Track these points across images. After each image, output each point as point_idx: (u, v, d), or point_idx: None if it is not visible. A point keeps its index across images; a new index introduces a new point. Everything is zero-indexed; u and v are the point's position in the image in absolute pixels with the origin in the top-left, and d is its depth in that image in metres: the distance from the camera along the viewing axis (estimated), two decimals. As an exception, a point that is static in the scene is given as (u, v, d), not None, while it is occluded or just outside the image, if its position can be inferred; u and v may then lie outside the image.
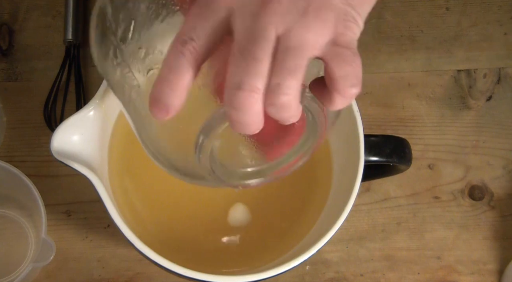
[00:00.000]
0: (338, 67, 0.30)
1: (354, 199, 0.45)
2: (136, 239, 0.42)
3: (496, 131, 0.62)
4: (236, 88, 0.29)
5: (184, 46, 0.30)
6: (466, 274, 0.58)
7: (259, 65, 0.29)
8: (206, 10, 0.31)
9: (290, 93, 0.29)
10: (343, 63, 0.30)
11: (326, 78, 0.31)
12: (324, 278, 0.57)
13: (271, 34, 0.29)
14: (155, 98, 0.31)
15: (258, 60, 0.29)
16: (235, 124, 0.30)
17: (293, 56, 0.29)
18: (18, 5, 0.62)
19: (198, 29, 0.31)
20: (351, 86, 0.31)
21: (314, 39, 0.30)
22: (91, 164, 0.43)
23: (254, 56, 0.29)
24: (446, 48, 0.64)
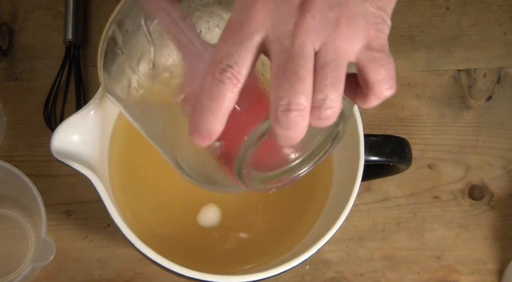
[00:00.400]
0: (374, 72, 0.31)
1: (354, 199, 0.45)
2: (136, 239, 0.42)
3: (496, 131, 0.62)
4: (285, 109, 0.30)
5: (222, 74, 0.31)
6: (466, 274, 0.58)
7: (303, 84, 0.30)
8: (240, 35, 0.31)
9: (335, 105, 0.30)
10: (379, 67, 0.31)
11: (360, 80, 0.32)
12: (324, 278, 0.57)
13: (309, 51, 0.30)
14: (196, 128, 0.32)
15: (302, 79, 0.30)
16: (281, 140, 0.31)
17: (333, 69, 0.30)
18: (18, 5, 0.62)
19: (235, 55, 0.31)
20: (387, 89, 0.32)
21: (349, 47, 0.31)
22: (91, 164, 0.43)
23: (297, 76, 0.30)
24: (446, 48, 0.64)
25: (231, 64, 0.31)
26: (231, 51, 0.31)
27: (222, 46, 0.31)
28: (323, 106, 0.30)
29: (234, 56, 0.31)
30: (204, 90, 0.31)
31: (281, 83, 0.30)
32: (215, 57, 0.31)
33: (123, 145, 0.49)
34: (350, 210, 0.45)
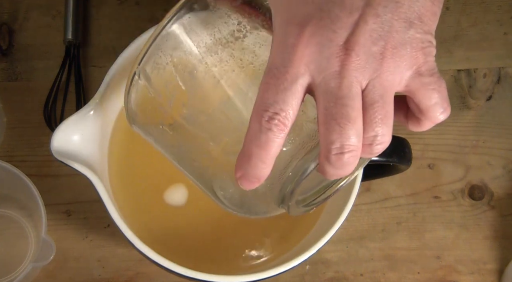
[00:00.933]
0: (427, 98, 0.31)
1: (354, 199, 0.45)
2: (136, 238, 0.42)
3: (496, 131, 0.62)
4: (337, 153, 0.30)
5: (270, 122, 0.31)
6: (466, 274, 0.58)
7: (354, 126, 0.30)
8: (284, 81, 0.31)
9: (386, 140, 0.31)
10: (431, 92, 0.31)
11: (412, 106, 0.32)
12: (324, 278, 0.57)
13: (357, 90, 0.30)
14: (245, 173, 0.32)
15: (353, 121, 0.30)
16: (332, 177, 0.31)
17: (382, 105, 0.30)
18: (18, 5, 0.62)
19: (281, 103, 0.31)
20: (442, 113, 0.32)
21: (397, 79, 0.30)
22: (91, 163, 0.43)
23: (348, 118, 0.30)
24: (446, 48, 0.64)
25: (277, 111, 0.30)
26: (277, 99, 0.31)
27: (267, 94, 0.31)
28: (375, 143, 0.30)
29: (279, 103, 0.30)
30: (251, 138, 0.31)
31: (332, 127, 0.30)
32: (260, 105, 0.31)
33: (123, 144, 0.49)
34: (350, 210, 0.45)
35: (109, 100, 0.46)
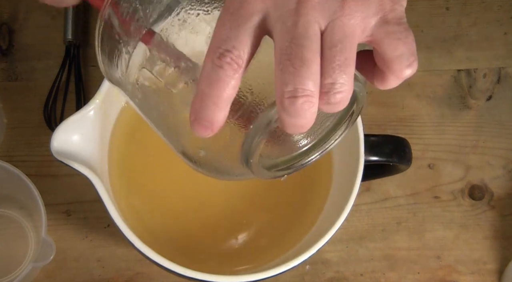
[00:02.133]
0: (392, 48, 0.28)
1: (354, 199, 0.45)
2: (136, 238, 0.42)
3: (496, 131, 0.62)
4: (291, 96, 0.28)
5: (221, 60, 0.29)
6: (466, 274, 0.58)
7: (309, 68, 0.28)
8: (238, 17, 0.29)
9: (346, 89, 0.28)
10: (396, 41, 0.28)
11: (377, 59, 0.29)
12: (324, 278, 0.57)
13: (315, 31, 0.28)
14: (197, 117, 0.30)
15: (308, 63, 0.28)
16: (289, 128, 0.29)
17: (342, 50, 0.28)
18: (18, 5, 0.62)
19: (233, 39, 0.29)
20: (407, 66, 0.29)
21: (360, 25, 0.28)
22: (91, 163, 0.43)
23: (302, 59, 0.28)
24: (446, 48, 0.64)
25: (229, 48, 0.28)
26: (230, 35, 0.28)
27: (220, 30, 0.29)
28: (332, 91, 0.28)
29: (232, 40, 0.28)
30: (202, 76, 0.29)
31: (285, 68, 0.28)
32: (213, 42, 0.29)
33: (123, 144, 0.49)
34: (350, 210, 0.45)
35: (109, 100, 0.46)
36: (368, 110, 0.61)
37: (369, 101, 0.61)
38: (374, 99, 0.61)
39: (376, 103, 0.61)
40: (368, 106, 0.61)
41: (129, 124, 0.50)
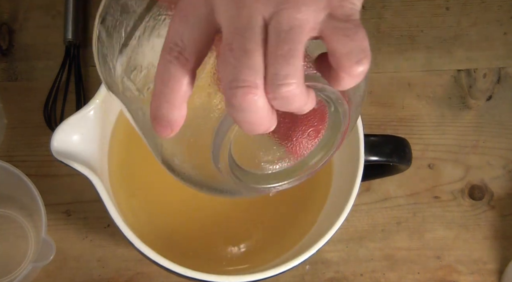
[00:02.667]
0: (339, 44, 0.27)
1: (354, 199, 0.45)
2: (136, 238, 0.42)
3: (496, 131, 0.62)
4: (232, 87, 0.27)
5: (170, 54, 0.28)
6: (466, 274, 0.58)
7: (251, 58, 0.27)
8: (186, 11, 0.28)
9: (291, 82, 0.27)
10: (344, 38, 0.27)
11: (329, 57, 0.28)
12: (324, 278, 0.57)
13: (258, 21, 0.27)
14: (155, 116, 0.29)
15: (249, 52, 0.27)
16: (243, 126, 0.28)
17: (286, 41, 0.27)
18: (18, 5, 0.62)
19: (182, 32, 0.28)
20: (357, 63, 0.28)
21: (307, 18, 0.27)
22: (91, 163, 0.43)
23: (244, 48, 0.27)
24: (446, 48, 0.64)
25: (177, 42, 0.28)
26: (178, 30, 0.28)
27: (171, 26, 0.28)
28: (275, 82, 0.26)
29: (180, 33, 0.28)
30: (157, 74, 0.28)
31: (227, 59, 0.27)
32: (165, 38, 0.29)
33: (123, 144, 0.49)
34: (350, 210, 0.45)
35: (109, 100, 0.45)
36: (368, 110, 0.61)
37: (369, 101, 0.61)
38: (374, 99, 0.61)
39: (376, 103, 0.61)
40: (368, 106, 0.61)
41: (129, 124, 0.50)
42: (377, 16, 0.64)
